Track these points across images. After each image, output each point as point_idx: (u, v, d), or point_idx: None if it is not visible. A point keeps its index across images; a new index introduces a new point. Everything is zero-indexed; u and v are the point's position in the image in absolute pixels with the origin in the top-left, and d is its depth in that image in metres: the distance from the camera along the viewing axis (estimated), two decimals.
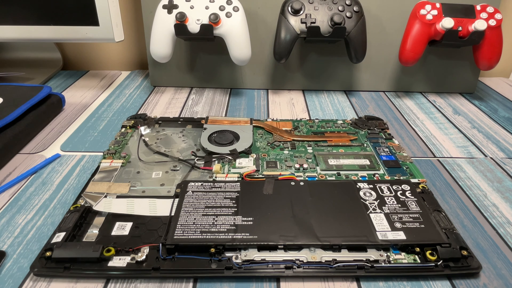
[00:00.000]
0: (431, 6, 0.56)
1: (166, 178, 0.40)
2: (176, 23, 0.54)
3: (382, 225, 0.33)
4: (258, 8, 0.61)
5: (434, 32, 0.56)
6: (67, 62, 0.77)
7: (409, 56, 0.58)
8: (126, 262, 0.30)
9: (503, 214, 0.37)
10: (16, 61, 0.71)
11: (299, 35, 0.56)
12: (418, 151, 0.48)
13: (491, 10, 0.56)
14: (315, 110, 0.59)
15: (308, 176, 0.40)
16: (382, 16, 0.62)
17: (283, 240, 0.31)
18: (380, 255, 0.31)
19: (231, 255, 0.30)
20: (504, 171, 0.44)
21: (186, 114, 0.57)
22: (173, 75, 0.66)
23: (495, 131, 0.54)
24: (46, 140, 0.49)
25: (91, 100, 0.61)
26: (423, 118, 0.57)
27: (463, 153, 0.48)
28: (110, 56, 0.78)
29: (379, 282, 0.30)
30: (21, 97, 0.50)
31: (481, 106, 0.62)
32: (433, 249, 0.31)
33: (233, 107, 0.60)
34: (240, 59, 0.57)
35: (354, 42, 0.57)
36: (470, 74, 0.66)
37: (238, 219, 0.33)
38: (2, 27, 0.57)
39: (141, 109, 0.58)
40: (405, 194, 0.37)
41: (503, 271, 0.31)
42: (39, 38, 0.58)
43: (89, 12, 0.56)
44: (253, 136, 0.48)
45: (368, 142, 0.48)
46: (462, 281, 0.30)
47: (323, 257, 0.30)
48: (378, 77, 0.67)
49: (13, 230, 0.34)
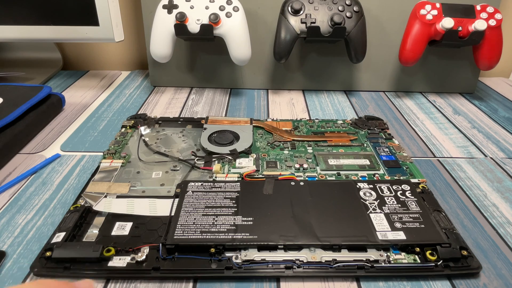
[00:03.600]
0: (431, 6, 0.56)
1: (166, 178, 0.40)
2: (176, 23, 0.54)
3: (382, 225, 0.33)
4: (258, 8, 0.61)
5: (434, 32, 0.56)
6: (67, 62, 0.77)
7: (409, 56, 0.58)
8: (126, 262, 0.30)
9: (503, 214, 0.37)
10: (16, 61, 0.71)
11: (299, 35, 0.56)
12: (418, 151, 0.48)
13: (491, 10, 0.56)
14: (315, 110, 0.59)
15: (308, 176, 0.40)
16: (382, 16, 0.62)
17: (283, 240, 0.31)
18: (380, 255, 0.31)
19: (231, 255, 0.30)
20: (504, 171, 0.44)
21: (186, 114, 0.57)
22: (173, 75, 0.66)
23: (495, 131, 0.54)
24: (46, 140, 0.49)
25: (91, 100, 0.61)
26: (423, 118, 0.57)
27: (463, 153, 0.48)
28: (110, 56, 0.78)
29: (379, 282, 0.30)
30: (21, 97, 0.50)
31: (481, 106, 0.62)
32: (433, 249, 0.31)
33: (233, 107, 0.60)
34: (240, 59, 0.57)
35: (354, 42, 0.57)
36: (470, 74, 0.66)
37: (238, 219, 0.33)
38: (2, 27, 0.57)
39: (141, 109, 0.58)
40: (405, 194, 0.37)
41: (503, 271, 0.31)
42: (39, 38, 0.58)
43: (89, 12, 0.56)
44: (253, 136, 0.48)
45: (368, 142, 0.48)
46: (462, 281, 0.30)
47: (323, 257, 0.30)
48: (378, 77, 0.67)
49: (13, 230, 0.34)
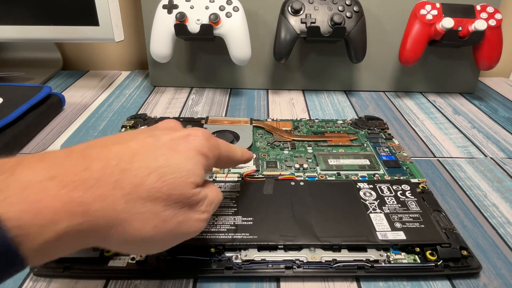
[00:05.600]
0: (431, 6, 0.56)
1: None
2: (176, 23, 0.54)
3: (382, 225, 0.33)
4: (258, 8, 0.61)
5: (434, 32, 0.56)
6: (67, 62, 0.77)
7: (409, 56, 0.58)
8: (126, 262, 0.30)
9: (503, 214, 0.37)
10: (16, 61, 0.71)
11: (299, 35, 0.56)
12: (418, 151, 0.48)
13: (491, 10, 0.56)
14: (315, 110, 0.59)
15: (308, 176, 0.40)
16: (382, 16, 0.62)
17: (283, 240, 0.31)
18: (380, 255, 0.31)
19: (231, 255, 0.30)
20: (504, 171, 0.44)
21: (186, 114, 0.57)
22: (173, 75, 0.66)
23: (495, 131, 0.54)
24: (46, 140, 0.49)
25: (91, 100, 0.61)
26: (423, 118, 0.57)
27: (463, 153, 0.48)
28: (110, 56, 0.78)
29: (379, 282, 0.30)
30: (21, 97, 0.50)
31: (481, 106, 0.62)
32: (433, 249, 0.31)
33: (233, 107, 0.60)
34: (240, 59, 0.57)
35: (354, 42, 0.57)
36: (470, 74, 0.66)
37: (238, 219, 0.33)
38: (2, 27, 0.57)
39: (141, 109, 0.58)
40: (405, 194, 0.37)
41: (503, 271, 0.31)
42: (39, 38, 0.58)
43: (89, 12, 0.56)
44: (253, 136, 0.48)
45: (368, 142, 0.48)
46: (462, 281, 0.30)
47: (323, 257, 0.30)
48: (378, 77, 0.67)
49: None
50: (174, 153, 0.23)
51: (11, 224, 0.16)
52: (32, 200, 0.17)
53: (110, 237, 0.21)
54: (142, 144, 0.23)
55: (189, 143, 0.24)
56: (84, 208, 0.19)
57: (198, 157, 0.24)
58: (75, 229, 0.19)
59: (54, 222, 0.18)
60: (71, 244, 0.20)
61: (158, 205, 0.21)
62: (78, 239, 0.20)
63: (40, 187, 0.18)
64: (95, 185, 0.19)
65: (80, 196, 0.19)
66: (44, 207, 0.18)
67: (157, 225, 0.22)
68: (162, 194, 0.21)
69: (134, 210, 0.21)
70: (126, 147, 0.22)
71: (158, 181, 0.21)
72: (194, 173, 0.23)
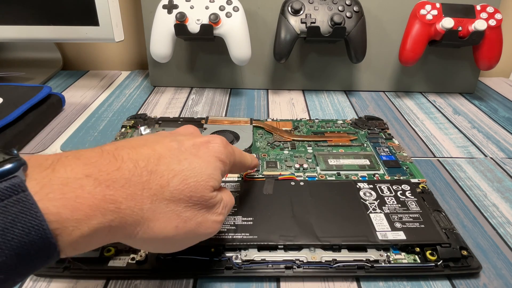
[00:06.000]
0: (431, 6, 0.56)
1: None
2: (176, 23, 0.54)
3: (382, 225, 0.33)
4: (258, 8, 0.61)
5: (434, 32, 0.56)
6: (67, 62, 0.77)
7: (409, 56, 0.58)
8: (126, 262, 0.30)
9: (503, 214, 0.37)
10: (16, 61, 0.71)
11: (299, 35, 0.56)
12: (418, 151, 0.48)
13: (491, 10, 0.56)
14: (315, 110, 0.59)
15: (308, 176, 0.40)
16: (382, 16, 0.62)
17: (283, 240, 0.31)
18: (380, 255, 0.31)
19: (231, 255, 0.30)
20: (504, 171, 0.44)
21: (186, 114, 0.57)
22: (173, 75, 0.66)
23: (495, 131, 0.54)
24: (46, 140, 0.49)
25: (91, 100, 0.61)
26: (423, 118, 0.57)
27: (463, 153, 0.48)
28: (110, 56, 0.78)
29: (379, 282, 0.30)
30: (21, 97, 0.50)
31: (481, 106, 0.62)
32: (433, 249, 0.31)
33: (233, 107, 0.60)
34: (240, 59, 0.57)
35: (354, 42, 0.57)
36: (470, 74, 0.66)
37: (238, 219, 0.33)
38: (2, 27, 0.57)
39: (141, 109, 0.58)
40: (405, 194, 0.37)
41: (503, 271, 0.31)
42: (39, 38, 0.58)
43: (89, 12, 0.56)
44: (253, 136, 0.48)
45: (368, 142, 0.48)
46: (462, 281, 0.30)
47: (323, 257, 0.30)
48: (378, 77, 0.67)
49: None
50: (196, 158, 0.25)
51: (51, 218, 0.18)
52: (70, 197, 0.19)
53: (135, 234, 0.22)
54: (167, 148, 0.24)
55: (209, 149, 0.26)
56: (115, 206, 0.20)
57: (217, 162, 0.26)
58: (106, 225, 0.20)
59: (89, 218, 0.19)
60: (101, 239, 0.21)
61: (180, 206, 0.23)
62: (108, 234, 0.20)
63: (78, 184, 0.19)
64: (125, 185, 0.21)
65: (112, 194, 0.20)
66: (80, 203, 0.19)
67: (178, 225, 0.23)
68: (184, 196, 0.23)
69: (159, 210, 0.22)
70: (153, 150, 0.23)
71: (181, 184, 0.23)
72: (213, 178, 0.25)
